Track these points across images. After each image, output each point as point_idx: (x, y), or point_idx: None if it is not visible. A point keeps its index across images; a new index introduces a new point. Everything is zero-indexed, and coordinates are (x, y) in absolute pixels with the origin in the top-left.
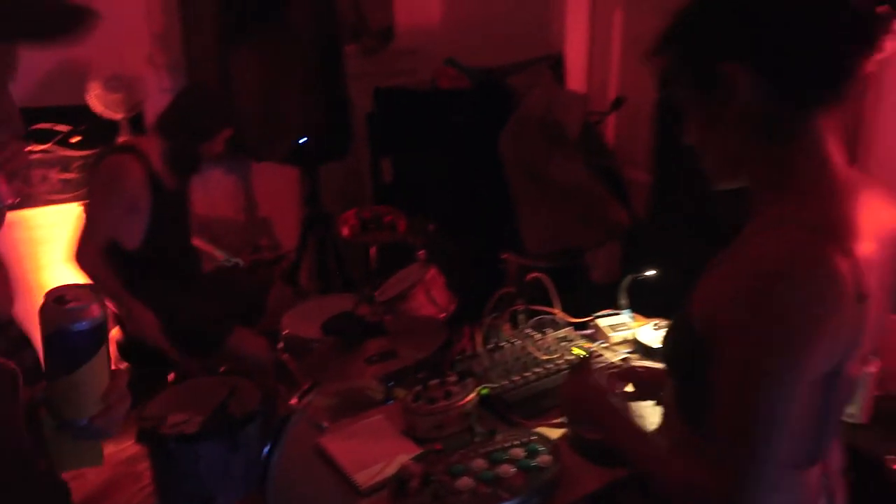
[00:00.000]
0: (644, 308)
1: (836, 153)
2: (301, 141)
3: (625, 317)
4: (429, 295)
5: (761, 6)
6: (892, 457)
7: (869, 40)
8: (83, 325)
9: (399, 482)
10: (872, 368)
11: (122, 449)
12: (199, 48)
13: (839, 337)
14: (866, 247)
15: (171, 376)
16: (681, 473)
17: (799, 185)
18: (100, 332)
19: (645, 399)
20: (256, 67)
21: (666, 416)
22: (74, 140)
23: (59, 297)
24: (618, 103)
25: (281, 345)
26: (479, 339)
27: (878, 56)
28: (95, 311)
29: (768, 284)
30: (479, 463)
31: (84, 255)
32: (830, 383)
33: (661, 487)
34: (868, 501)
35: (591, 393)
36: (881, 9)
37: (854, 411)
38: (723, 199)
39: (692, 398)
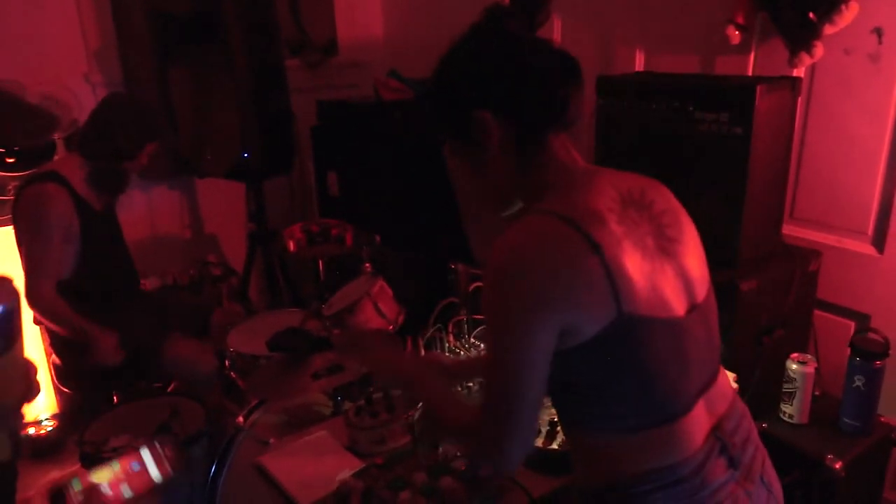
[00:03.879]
0: None
1: (573, 158)
2: (244, 156)
3: None
4: (376, 307)
5: (490, 62)
6: (832, 455)
7: (575, 77)
8: (8, 308)
9: (340, 499)
10: (810, 369)
11: (67, 474)
12: (137, 65)
13: (579, 286)
14: (600, 211)
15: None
16: (456, 418)
17: (544, 189)
18: (19, 314)
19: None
20: (196, 83)
21: None
22: (10, 161)
23: None
24: None
25: (228, 363)
26: (422, 350)
27: (809, 61)
28: (12, 292)
29: (491, 261)
30: (421, 476)
31: (37, 295)
32: (623, 332)
33: (443, 430)
34: (809, 500)
35: (396, 354)
36: (811, 16)
37: (793, 412)
38: None
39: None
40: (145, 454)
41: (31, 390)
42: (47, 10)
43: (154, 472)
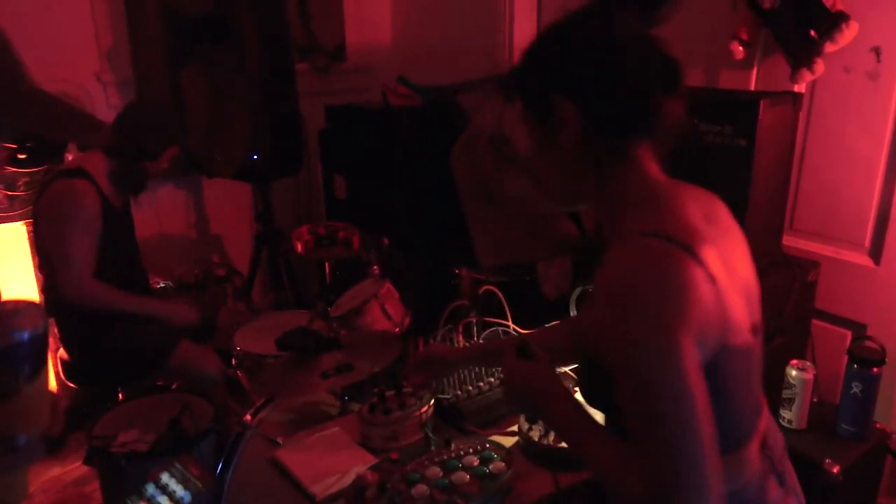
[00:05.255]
0: None
1: (656, 171)
2: (252, 157)
3: None
4: (383, 309)
5: (583, 51)
6: (830, 460)
7: (674, 82)
8: (34, 333)
9: (356, 491)
10: (809, 375)
11: (69, 470)
12: (149, 65)
13: (704, 320)
14: (701, 232)
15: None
16: (622, 483)
17: (629, 200)
18: (46, 339)
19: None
20: (207, 84)
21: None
22: (21, 157)
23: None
24: None
25: (234, 362)
26: None
27: (810, 77)
28: (39, 316)
29: (623, 297)
30: (434, 471)
31: (79, 285)
32: (718, 362)
33: (608, 487)
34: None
35: (540, 378)
36: (812, 34)
37: (792, 417)
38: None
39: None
40: (166, 477)
41: (56, 424)
42: (60, 9)
43: (181, 494)
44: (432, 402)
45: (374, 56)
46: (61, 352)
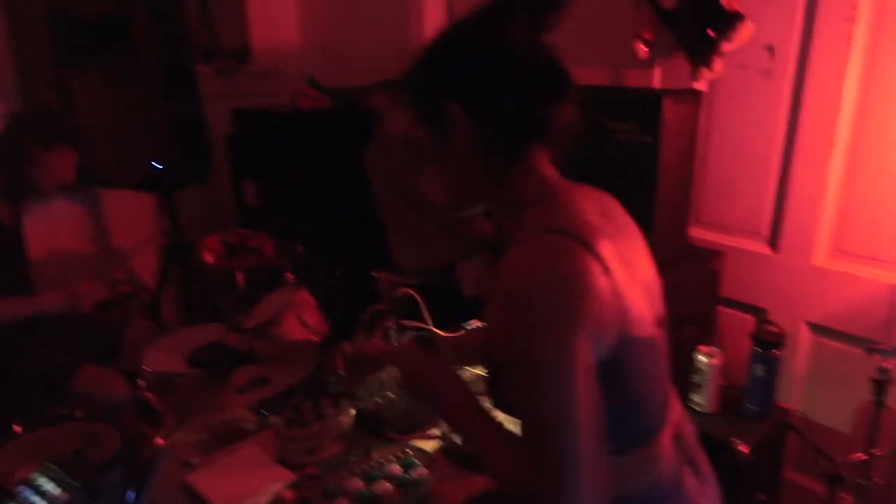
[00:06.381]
0: None
1: (551, 173)
2: (155, 165)
3: None
4: (300, 318)
5: (469, 58)
6: (737, 440)
7: (562, 89)
8: None
9: None
10: (717, 361)
11: None
12: (34, 70)
13: (600, 313)
14: (596, 228)
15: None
16: (507, 468)
17: (526, 201)
18: None
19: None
20: (101, 89)
21: None
22: None
23: None
24: None
25: (143, 382)
26: None
27: (709, 75)
28: None
29: (518, 290)
30: (355, 483)
31: None
32: (618, 355)
33: (492, 475)
34: (718, 481)
35: (435, 366)
36: (710, 34)
37: (702, 401)
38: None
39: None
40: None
41: None
42: None
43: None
44: (351, 411)
45: (281, 57)
46: None
